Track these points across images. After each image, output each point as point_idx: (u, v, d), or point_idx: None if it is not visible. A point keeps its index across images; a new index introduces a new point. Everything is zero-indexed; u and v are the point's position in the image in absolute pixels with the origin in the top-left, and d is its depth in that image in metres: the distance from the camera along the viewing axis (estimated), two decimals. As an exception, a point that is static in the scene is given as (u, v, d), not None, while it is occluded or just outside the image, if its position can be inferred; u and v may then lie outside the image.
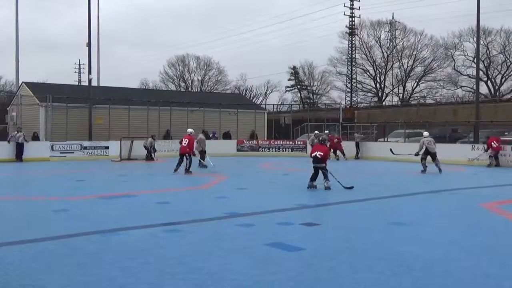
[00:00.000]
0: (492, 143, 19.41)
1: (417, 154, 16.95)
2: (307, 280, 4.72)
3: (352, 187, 11.59)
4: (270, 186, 12.91)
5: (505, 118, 30.02)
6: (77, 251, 5.70)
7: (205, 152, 18.41)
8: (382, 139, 28.60)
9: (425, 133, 17.70)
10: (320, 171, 11.63)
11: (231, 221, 7.73)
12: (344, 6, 58.77)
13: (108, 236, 6.58)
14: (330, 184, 11.41)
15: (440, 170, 16.38)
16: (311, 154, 11.94)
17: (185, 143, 15.84)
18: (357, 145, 25.13)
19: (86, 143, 23.61)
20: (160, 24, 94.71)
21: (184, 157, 15.74)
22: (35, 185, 13.88)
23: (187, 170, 15.61)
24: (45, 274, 4.85)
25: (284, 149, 27.75)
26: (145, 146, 22.39)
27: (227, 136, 29.67)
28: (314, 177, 11.69)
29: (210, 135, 29.35)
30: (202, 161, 18.01)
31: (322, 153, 11.60)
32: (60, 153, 22.42)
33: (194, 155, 16.37)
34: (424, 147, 16.70)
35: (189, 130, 16.71)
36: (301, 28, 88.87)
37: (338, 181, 11.57)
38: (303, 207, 9.30)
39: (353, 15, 58.94)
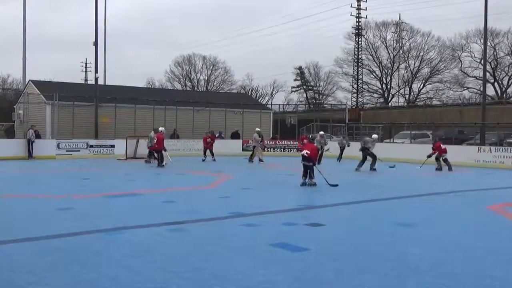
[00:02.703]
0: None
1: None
2: (312, 280, 4.71)
3: (337, 185, 11.80)
4: (275, 186, 12.90)
5: (511, 120, 29.83)
6: (83, 250, 5.72)
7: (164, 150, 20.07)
8: (388, 140, 28.51)
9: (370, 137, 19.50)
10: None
11: (235, 221, 7.74)
12: (351, 6, 58.69)
13: (113, 234, 6.59)
14: (314, 182, 11.89)
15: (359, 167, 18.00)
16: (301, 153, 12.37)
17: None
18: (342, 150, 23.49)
19: (92, 142, 23.69)
20: (167, 23, 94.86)
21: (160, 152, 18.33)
22: (41, 183, 13.94)
23: (160, 164, 17.97)
24: (50, 272, 4.87)
25: (289, 149, 27.73)
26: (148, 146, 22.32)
27: (236, 136, 29.52)
28: (305, 174, 12.14)
29: (216, 135, 29.36)
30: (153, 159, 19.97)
31: (309, 152, 11.98)
32: (66, 151, 22.53)
33: (165, 150, 18.64)
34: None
35: (161, 128, 19.37)
36: (307, 28, 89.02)
37: (325, 178, 11.85)
38: (308, 208, 9.29)
39: (359, 16, 58.85)
